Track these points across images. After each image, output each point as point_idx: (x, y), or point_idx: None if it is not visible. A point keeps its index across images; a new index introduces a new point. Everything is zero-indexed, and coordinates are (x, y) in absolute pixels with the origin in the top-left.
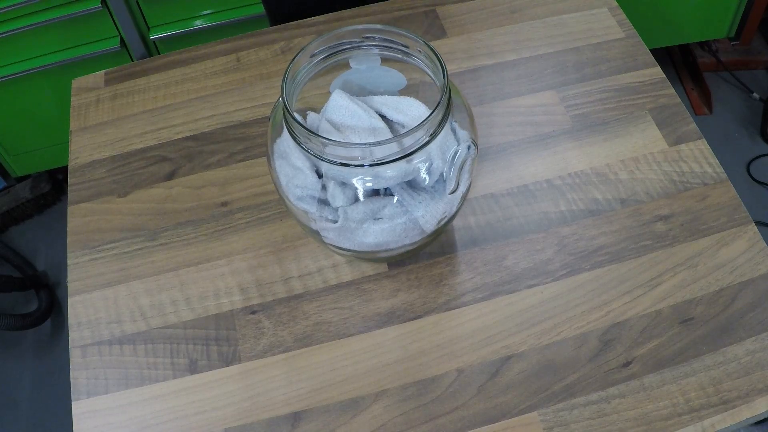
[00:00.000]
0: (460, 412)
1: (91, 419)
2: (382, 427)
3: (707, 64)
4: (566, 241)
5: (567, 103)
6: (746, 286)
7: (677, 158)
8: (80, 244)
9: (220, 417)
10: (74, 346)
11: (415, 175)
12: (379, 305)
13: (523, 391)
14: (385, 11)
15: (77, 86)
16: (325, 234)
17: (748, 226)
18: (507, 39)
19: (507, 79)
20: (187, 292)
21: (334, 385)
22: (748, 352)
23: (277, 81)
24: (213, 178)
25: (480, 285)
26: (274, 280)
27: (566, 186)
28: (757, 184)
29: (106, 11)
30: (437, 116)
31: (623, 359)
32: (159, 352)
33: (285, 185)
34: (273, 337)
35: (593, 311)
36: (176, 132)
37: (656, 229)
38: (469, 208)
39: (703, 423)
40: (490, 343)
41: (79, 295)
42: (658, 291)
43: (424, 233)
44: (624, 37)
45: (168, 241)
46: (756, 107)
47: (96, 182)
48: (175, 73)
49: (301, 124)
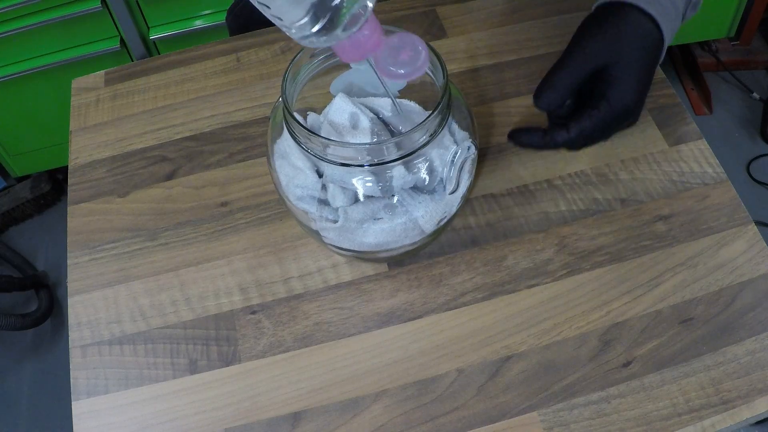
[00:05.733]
0: (460, 412)
1: (91, 419)
2: (382, 427)
3: (707, 64)
4: (566, 241)
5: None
6: (746, 286)
7: (677, 158)
8: (80, 244)
9: (220, 417)
10: (74, 346)
11: (415, 176)
12: (379, 305)
13: (523, 391)
14: (385, 11)
15: (77, 86)
16: (325, 234)
17: (748, 226)
18: (507, 39)
19: (507, 79)
20: (187, 292)
21: (334, 385)
22: (748, 352)
23: (277, 81)
24: (213, 178)
25: (480, 285)
26: (274, 280)
27: (566, 186)
28: (757, 184)
29: (106, 11)
30: (437, 117)
31: (623, 359)
32: (159, 352)
33: (285, 185)
34: (273, 337)
35: (593, 311)
36: (176, 132)
37: (656, 229)
38: (469, 208)
39: (703, 423)
40: (490, 343)
41: (79, 295)
42: (658, 291)
43: (424, 233)
44: None
45: (168, 241)
46: (756, 107)
47: (96, 182)
48: (175, 73)
49: (301, 124)
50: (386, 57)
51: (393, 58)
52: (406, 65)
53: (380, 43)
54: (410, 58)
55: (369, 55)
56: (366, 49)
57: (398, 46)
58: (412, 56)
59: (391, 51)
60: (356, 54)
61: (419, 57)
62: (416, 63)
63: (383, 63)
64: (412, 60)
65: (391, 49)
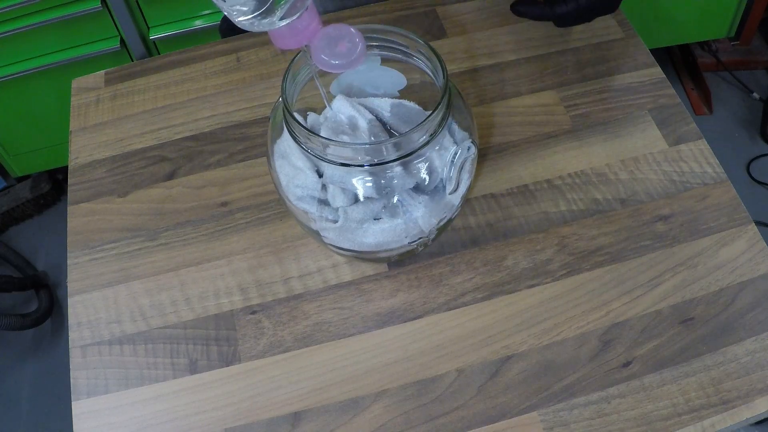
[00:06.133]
0: (460, 412)
1: (91, 419)
2: (382, 427)
3: (707, 64)
4: (566, 241)
5: (567, 103)
6: (746, 286)
7: (677, 158)
8: (80, 244)
9: (220, 417)
10: (74, 346)
11: (415, 176)
12: (379, 305)
13: (523, 391)
14: (385, 11)
15: (77, 86)
16: (325, 234)
17: (748, 226)
18: (507, 39)
19: (507, 79)
20: (187, 292)
21: (334, 385)
22: (748, 352)
23: (277, 81)
24: (213, 178)
25: (480, 285)
26: (274, 280)
27: (566, 186)
28: (757, 184)
29: (106, 11)
30: (437, 117)
31: (623, 359)
32: (159, 352)
33: (285, 185)
34: (273, 337)
35: (593, 311)
36: (176, 132)
37: (656, 229)
38: (469, 208)
39: (703, 423)
40: (490, 343)
41: (79, 295)
42: (658, 291)
43: (424, 233)
44: (624, 37)
45: (168, 241)
46: (756, 107)
47: (96, 182)
48: (175, 73)
49: (301, 124)
50: (323, 47)
51: (330, 48)
52: (342, 57)
53: (317, 32)
54: (347, 50)
55: (304, 43)
56: (302, 37)
57: (336, 37)
58: (350, 48)
59: (329, 41)
60: (292, 41)
61: (355, 50)
62: (352, 55)
63: (319, 52)
64: (348, 52)
65: (329, 39)
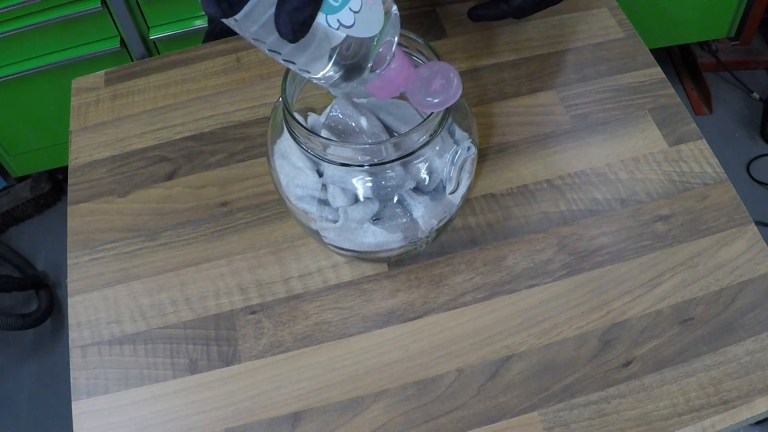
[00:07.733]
0: (460, 412)
1: (91, 419)
2: (382, 427)
3: (707, 64)
4: (566, 241)
5: (567, 103)
6: (746, 286)
7: (677, 158)
8: (80, 244)
9: (220, 417)
10: (74, 346)
11: (415, 176)
12: (379, 305)
13: (523, 391)
14: None
15: (77, 86)
16: (325, 234)
17: (748, 226)
18: (507, 39)
19: (507, 79)
20: (187, 292)
21: (334, 385)
22: (748, 352)
23: (277, 81)
24: (213, 178)
25: (480, 285)
26: (274, 280)
27: (566, 186)
28: (757, 184)
29: (106, 11)
30: (437, 117)
31: (623, 359)
32: (159, 352)
33: (285, 185)
34: (273, 337)
35: (593, 311)
36: (176, 132)
37: (656, 229)
38: (469, 208)
39: (703, 423)
40: (490, 343)
41: (79, 295)
42: (658, 291)
43: (424, 233)
44: (624, 37)
45: (168, 241)
46: (756, 107)
47: (96, 182)
48: (175, 73)
49: (301, 124)
50: (419, 89)
51: (426, 88)
52: (439, 94)
53: (411, 76)
54: (442, 87)
55: (401, 89)
56: (397, 85)
57: (429, 76)
58: (444, 84)
59: (423, 82)
60: (389, 91)
61: (452, 84)
62: (450, 91)
63: (417, 95)
64: (444, 88)
65: (422, 80)
